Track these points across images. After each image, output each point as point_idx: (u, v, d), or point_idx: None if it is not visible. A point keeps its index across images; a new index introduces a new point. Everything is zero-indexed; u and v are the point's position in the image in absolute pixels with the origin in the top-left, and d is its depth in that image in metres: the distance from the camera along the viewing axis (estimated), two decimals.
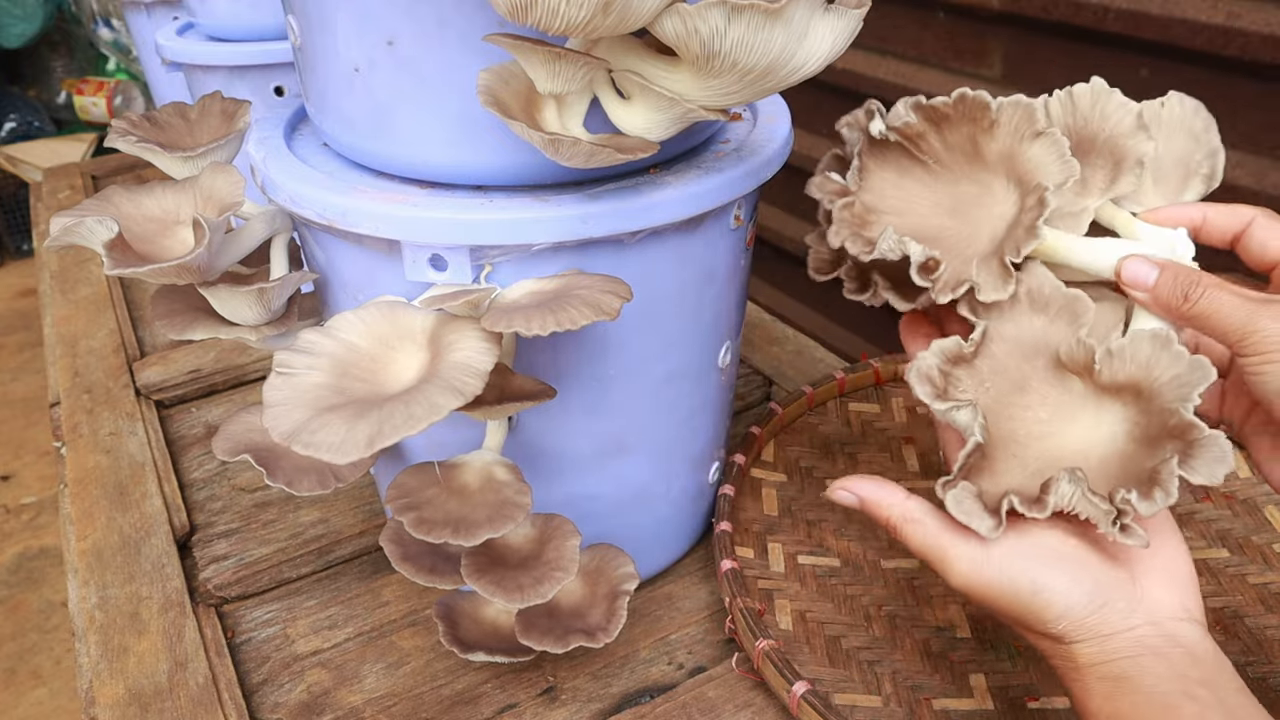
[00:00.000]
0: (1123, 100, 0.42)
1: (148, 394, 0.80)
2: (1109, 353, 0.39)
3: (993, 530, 0.37)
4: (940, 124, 0.44)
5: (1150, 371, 0.38)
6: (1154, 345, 0.38)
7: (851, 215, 0.45)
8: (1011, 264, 0.40)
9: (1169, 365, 0.37)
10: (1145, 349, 0.38)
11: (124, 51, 2.74)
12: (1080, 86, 0.43)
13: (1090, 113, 0.43)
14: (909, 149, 0.46)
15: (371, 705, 0.52)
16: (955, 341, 0.41)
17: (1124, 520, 0.36)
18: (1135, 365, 0.38)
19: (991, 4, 0.88)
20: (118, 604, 0.58)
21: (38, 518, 1.85)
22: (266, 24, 0.80)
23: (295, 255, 0.51)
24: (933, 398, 0.40)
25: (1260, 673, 0.49)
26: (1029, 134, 0.42)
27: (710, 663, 0.54)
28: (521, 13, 0.34)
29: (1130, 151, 0.42)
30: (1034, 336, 0.41)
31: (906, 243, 0.42)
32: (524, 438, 0.49)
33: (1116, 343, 0.39)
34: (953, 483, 0.39)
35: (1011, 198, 0.43)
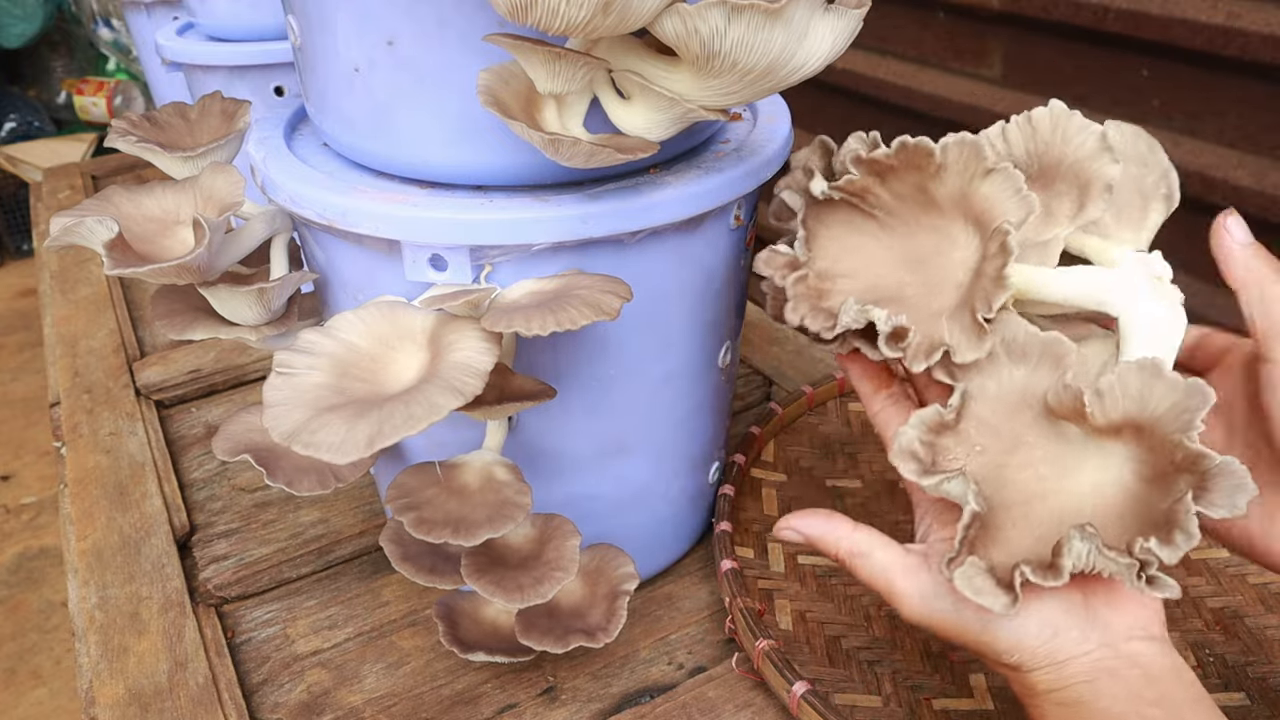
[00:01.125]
0: (1084, 122, 0.40)
1: (148, 394, 0.80)
2: (1098, 394, 0.36)
3: (1008, 607, 0.35)
4: (885, 175, 0.42)
5: (1145, 405, 0.36)
6: (1144, 376, 0.36)
7: (806, 289, 0.43)
8: (984, 320, 0.38)
9: (1165, 395, 0.35)
10: (1135, 382, 0.36)
11: (124, 51, 2.74)
12: (1039, 110, 0.41)
13: (1051, 137, 0.40)
14: (856, 204, 0.43)
15: (371, 705, 0.52)
16: (935, 410, 0.39)
17: (1149, 572, 0.34)
18: (1128, 401, 0.36)
19: (991, 4, 0.88)
20: (118, 604, 0.58)
21: (38, 518, 1.85)
22: (266, 24, 0.80)
23: (295, 255, 0.51)
24: (919, 474, 0.37)
25: (1260, 673, 0.49)
26: (979, 173, 0.39)
27: (710, 663, 0.54)
28: (521, 13, 0.34)
29: (1097, 175, 0.40)
30: (1018, 389, 0.39)
31: (870, 311, 0.39)
32: (524, 438, 0.49)
33: (1104, 381, 0.36)
34: (958, 560, 0.36)
35: (973, 242, 0.40)
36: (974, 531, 0.37)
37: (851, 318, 0.40)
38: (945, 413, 0.39)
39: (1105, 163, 0.40)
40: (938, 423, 0.39)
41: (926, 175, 0.40)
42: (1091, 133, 0.40)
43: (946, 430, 0.39)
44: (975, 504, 0.36)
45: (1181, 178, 0.43)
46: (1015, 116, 0.41)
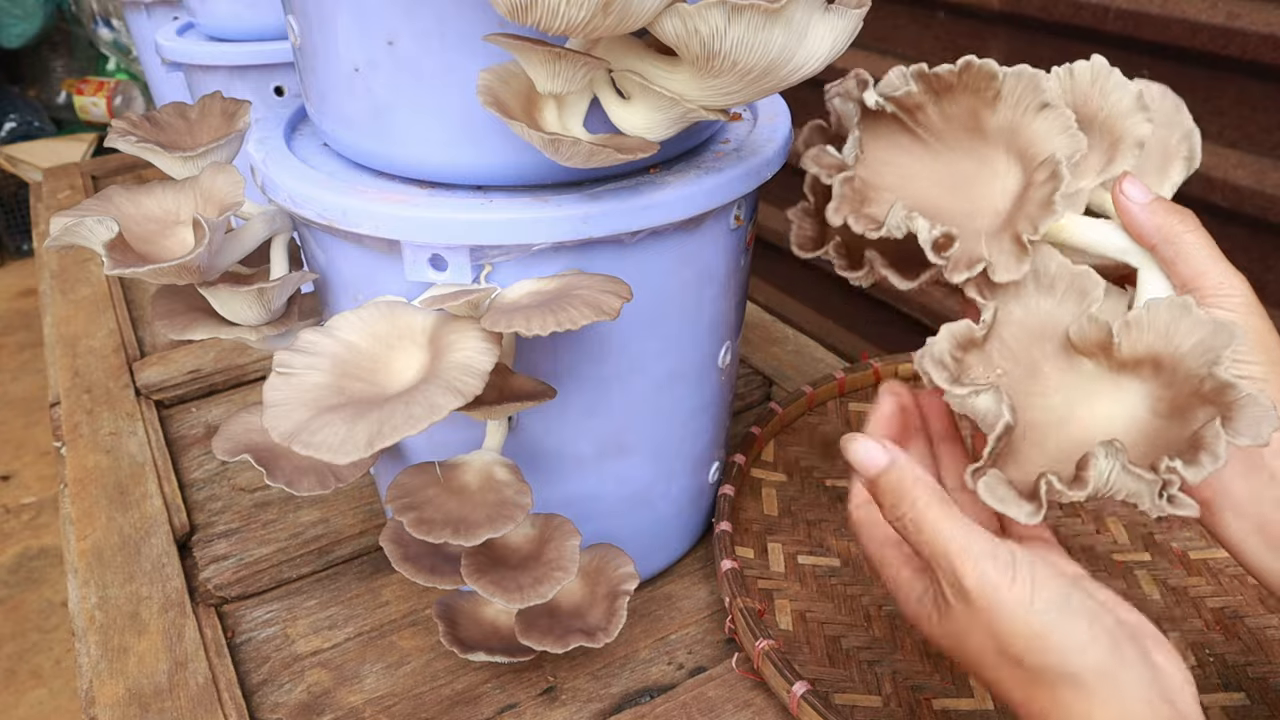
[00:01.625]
0: (1122, 80, 0.41)
1: (148, 394, 0.80)
2: (1126, 324, 0.37)
3: (1033, 515, 0.35)
4: (942, 94, 0.42)
5: (1171, 340, 0.36)
6: (1173, 311, 0.36)
7: (852, 191, 0.43)
8: (1028, 241, 0.38)
9: (1191, 331, 0.36)
10: (1164, 316, 0.36)
11: (124, 51, 2.74)
12: (1081, 64, 0.42)
13: (1090, 90, 0.41)
14: (904, 122, 0.44)
15: (371, 705, 0.52)
16: (966, 325, 0.39)
17: (1170, 491, 0.34)
18: (1154, 334, 0.36)
19: (991, 4, 0.88)
20: (118, 604, 0.58)
21: (38, 518, 1.85)
22: (266, 24, 0.80)
23: (295, 255, 0.51)
24: (949, 382, 0.38)
25: (1260, 673, 0.49)
26: (1033, 106, 0.40)
27: (710, 663, 0.54)
28: (521, 13, 0.34)
29: (1129, 131, 0.41)
30: (1042, 318, 0.40)
31: (915, 219, 0.40)
32: (524, 438, 0.49)
33: (1135, 313, 0.37)
34: (982, 470, 0.36)
35: (1014, 173, 0.41)
36: (1002, 445, 0.37)
37: (897, 222, 0.40)
38: (976, 329, 0.39)
39: (1139, 121, 0.40)
40: (968, 338, 0.39)
41: (982, 100, 0.41)
42: (1128, 91, 0.41)
43: (974, 347, 0.39)
44: (1009, 415, 0.36)
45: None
46: (1056, 68, 0.42)
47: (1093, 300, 0.39)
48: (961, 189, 0.43)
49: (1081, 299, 0.39)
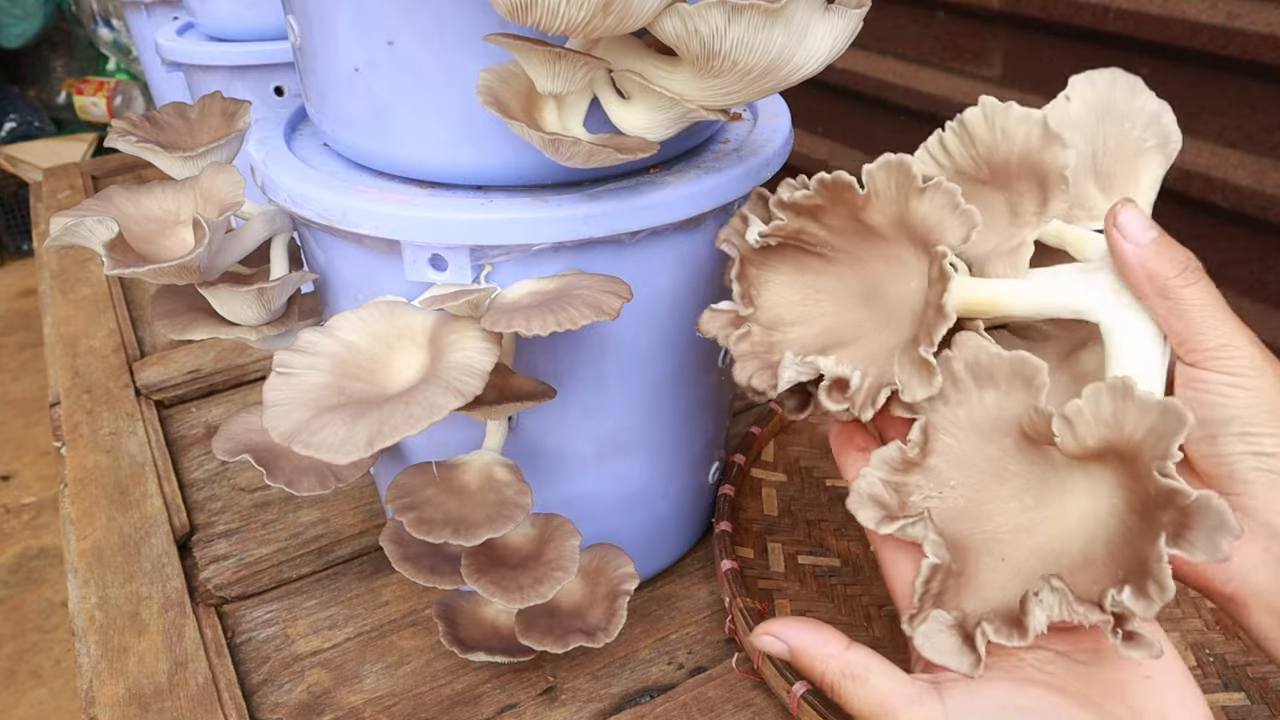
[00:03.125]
0: (1022, 113, 0.36)
1: (148, 394, 0.80)
2: (1066, 420, 0.32)
3: (973, 668, 0.31)
4: (815, 214, 0.39)
5: (1122, 430, 0.31)
6: (1115, 398, 0.31)
7: (751, 346, 0.39)
8: (929, 355, 0.34)
9: (1138, 419, 0.30)
10: (1106, 405, 0.31)
11: (124, 51, 2.74)
12: (970, 111, 0.37)
13: (991, 137, 0.36)
14: (796, 245, 0.40)
15: (371, 705, 0.52)
16: (896, 448, 0.35)
17: (1125, 627, 0.29)
18: (1102, 426, 0.31)
19: (991, 4, 0.88)
20: (118, 604, 0.58)
21: (38, 518, 1.85)
22: (266, 24, 0.80)
23: (295, 255, 0.51)
24: (879, 522, 0.34)
25: (1260, 673, 0.49)
26: (912, 193, 0.35)
27: (710, 663, 0.54)
28: (521, 13, 0.34)
29: (1049, 165, 0.36)
30: (990, 415, 0.35)
31: (811, 361, 0.36)
32: (524, 438, 0.49)
33: (1070, 407, 0.32)
34: (920, 614, 0.32)
35: (924, 268, 0.37)
36: (937, 585, 0.33)
37: (794, 373, 0.37)
38: (908, 449, 0.35)
39: (1055, 151, 0.35)
40: (901, 460, 0.35)
41: (856, 207, 0.37)
42: (1033, 122, 0.36)
43: (914, 468, 0.35)
44: (934, 555, 0.33)
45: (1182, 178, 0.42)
46: (949, 123, 0.37)
47: (1038, 388, 0.33)
48: (876, 297, 0.38)
49: (1027, 387, 0.34)
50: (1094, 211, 0.38)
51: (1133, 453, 0.31)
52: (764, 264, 0.41)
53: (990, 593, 0.33)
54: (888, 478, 0.35)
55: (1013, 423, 0.34)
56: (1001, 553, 0.34)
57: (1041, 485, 0.34)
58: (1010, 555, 0.33)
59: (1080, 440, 0.32)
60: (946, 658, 0.31)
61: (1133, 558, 0.30)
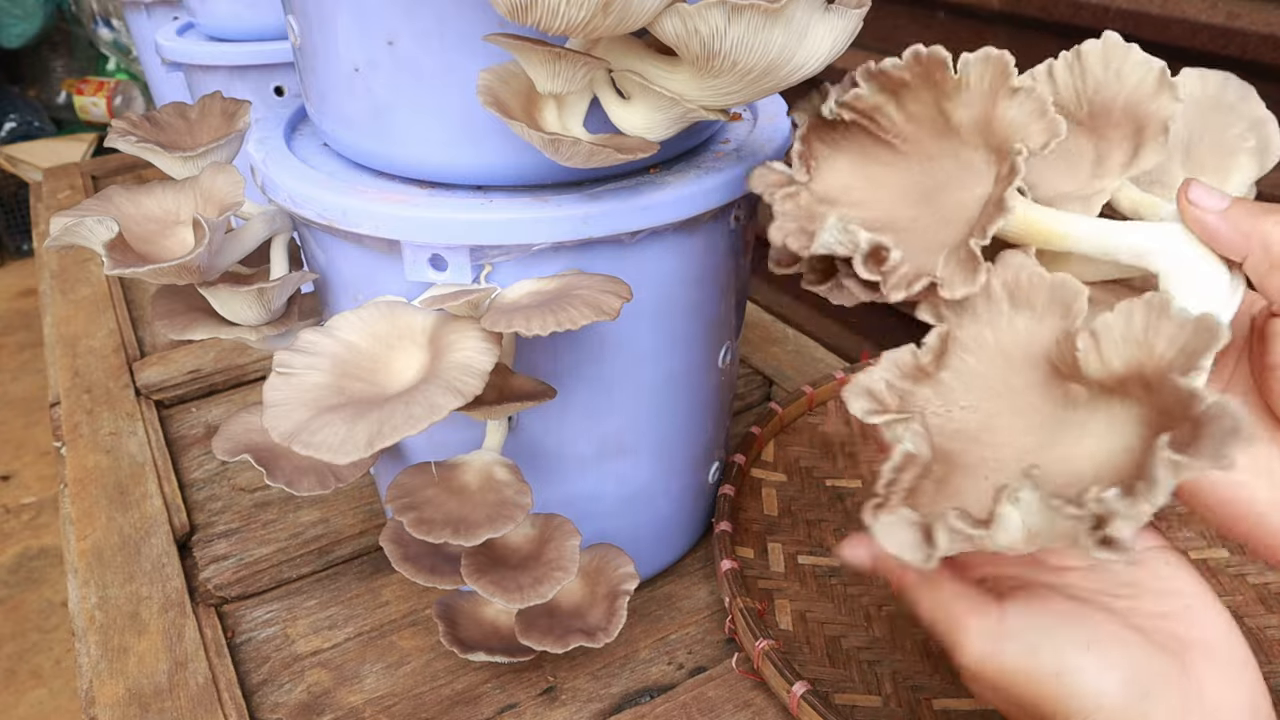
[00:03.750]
0: (1143, 57, 0.35)
1: (148, 394, 0.80)
2: (1092, 334, 0.30)
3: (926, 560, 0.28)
4: (898, 92, 0.37)
5: (1153, 350, 0.29)
6: (1148, 312, 0.29)
7: (796, 207, 0.37)
8: (978, 249, 0.32)
9: (1174, 334, 0.28)
10: (1139, 319, 0.29)
11: (124, 51, 2.74)
12: (1090, 43, 0.35)
13: (1104, 75, 0.35)
14: (868, 128, 0.38)
15: (371, 705, 0.52)
16: (910, 350, 0.33)
17: (1106, 530, 0.26)
18: (1130, 345, 0.29)
19: (991, 4, 0.88)
20: (118, 604, 0.58)
21: (38, 518, 1.85)
22: (266, 24, 0.80)
23: (295, 255, 0.51)
24: (868, 412, 0.32)
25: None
26: (1004, 92, 0.34)
27: (710, 663, 0.54)
28: (521, 13, 0.34)
29: (1153, 115, 0.34)
30: (1021, 342, 0.33)
31: (853, 231, 0.34)
32: (524, 438, 0.49)
33: (1100, 321, 0.30)
34: (885, 505, 0.29)
35: (993, 173, 0.35)
36: (909, 479, 0.30)
37: (833, 237, 0.35)
38: (922, 354, 0.33)
39: (1164, 101, 0.34)
40: (912, 365, 0.33)
41: (944, 93, 0.36)
42: (1151, 68, 0.35)
43: (924, 378, 0.33)
44: (911, 444, 0.31)
45: None
46: (1064, 52, 0.36)
47: (1075, 314, 0.31)
48: (937, 197, 0.37)
49: (1065, 314, 0.32)
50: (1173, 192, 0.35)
51: (1160, 375, 0.28)
52: (830, 140, 0.39)
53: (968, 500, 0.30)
54: (894, 381, 0.33)
55: (1042, 354, 0.32)
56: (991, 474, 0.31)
57: (1057, 425, 0.31)
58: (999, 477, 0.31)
59: (1106, 362, 0.30)
60: (903, 549, 0.29)
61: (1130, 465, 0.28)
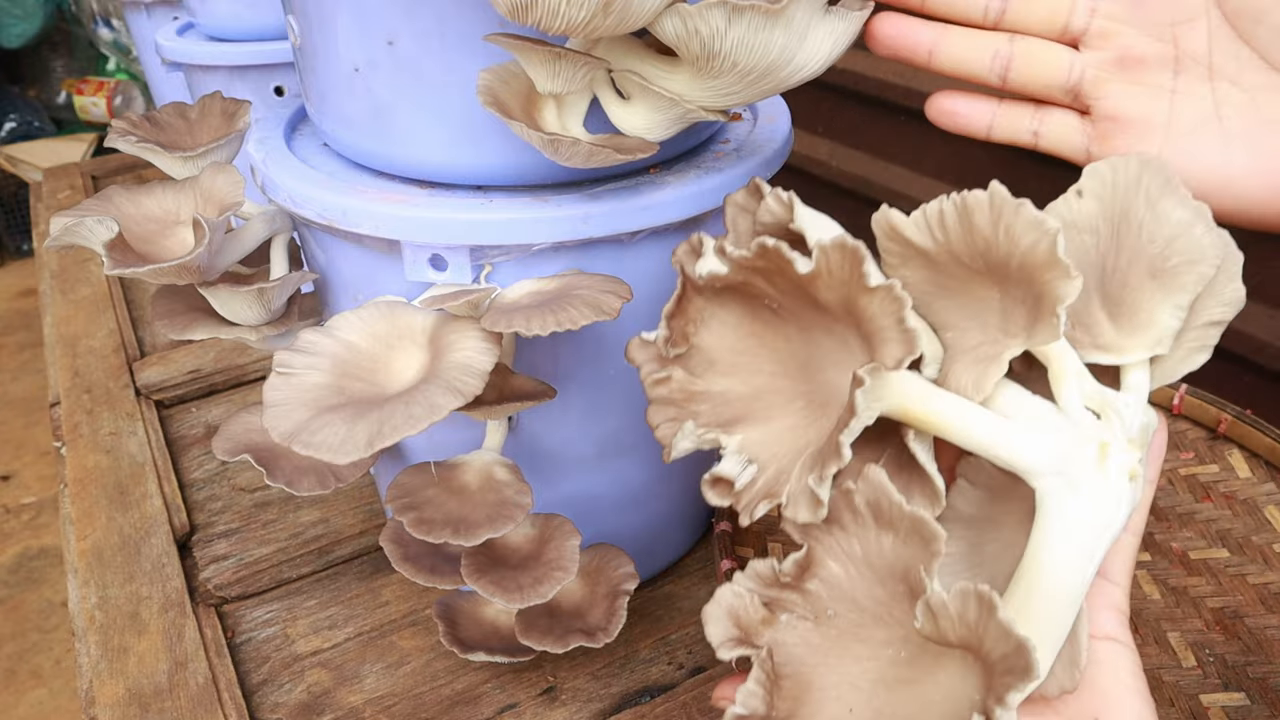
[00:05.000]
0: (1033, 218, 0.28)
1: (148, 394, 0.80)
2: (929, 610, 0.29)
3: None
4: (761, 274, 0.34)
5: (981, 644, 0.28)
6: (979, 611, 0.27)
7: (669, 393, 0.36)
8: (815, 491, 0.30)
9: (996, 642, 0.27)
10: (971, 613, 0.28)
11: (124, 51, 2.74)
12: (975, 196, 0.29)
13: (992, 233, 0.29)
14: (747, 290, 0.35)
15: (371, 705, 0.52)
16: (769, 564, 0.32)
17: None
18: (965, 629, 0.28)
19: None
20: (118, 604, 0.58)
21: (38, 518, 1.85)
22: (266, 24, 0.80)
23: (295, 255, 0.51)
24: (723, 644, 0.31)
25: (1260, 673, 0.49)
26: (860, 289, 0.31)
27: (710, 663, 0.54)
28: (522, 13, 0.34)
29: (1046, 291, 0.29)
30: (887, 559, 0.31)
31: (714, 438, 0.33)
32: (524, 438, 0.49)
33: (936, 599, 0.28)
34: None
35: (865, 358, 0.33)
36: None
37: (690, 443, 0.34)
38: (782, 569, 0.32)
39: (1055, 278, 0.28)
40: (771, 578, 0.32)
41: (803, 280, 0.32)
42: (1044, 234, 0.28)
43: (789, 590, 0.32)
44: (743, 706, 0.30)
45: None
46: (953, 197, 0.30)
47: (932, 554, 0.29)
48: (814, 372, 0.34)
49: (925, 547, 0.30)
50: (1098, 339, 0.32)
51: (988, 668, 0.28)
52: (715, 298, 0.36)
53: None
54: (761, 591, 0.32)
55: (906, 573, 0.31)
56: (851, 703, 0.31)
57: (921, 645, 0.30)
58: (859, 710, 0.30)
59: (942, 634, 0.29)
60: None
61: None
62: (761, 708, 0.30)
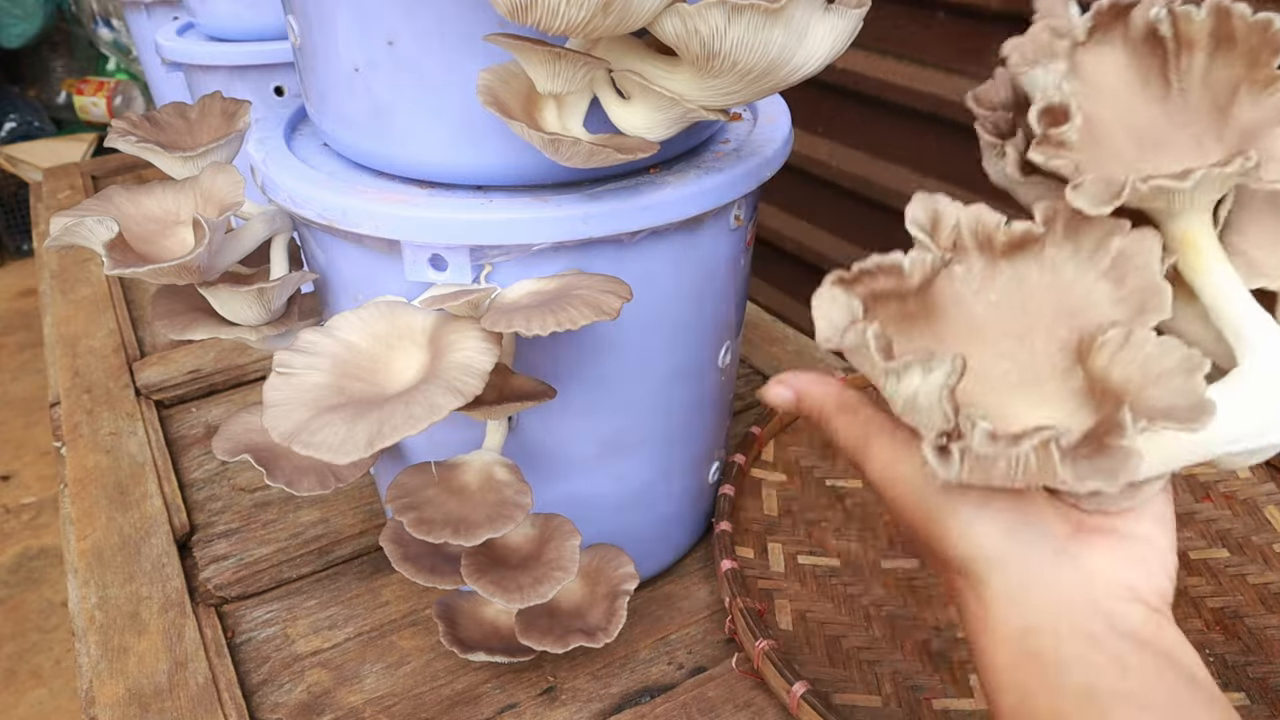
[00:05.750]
0: None
1: (148, 394, 0.80)
2: (1118, 343, 0.28)
3: (837, 339, 0.28)
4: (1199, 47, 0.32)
5: (1145, 380, 0.28)
6: (1164, 352, 0.27)
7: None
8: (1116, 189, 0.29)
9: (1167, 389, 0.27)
10: (1152, 356, 0.28)
11: (124, 51, 2.74)
12: None
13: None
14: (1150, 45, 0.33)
15: (371, 705, 0.52)
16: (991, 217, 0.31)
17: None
18: (1133, 366, 0.28)
19: (991, 4, 0.88)
20: (118, 604, 0.58)
21: (38, 518, 1.85)
22: (266, 24, 0.80)
23: (295, 255, 0.51)
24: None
25: (1260, 673, 0.49)
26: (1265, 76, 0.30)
27: (710, 663, 0.54)
28: (522, 13, 0.34)
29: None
30: (1062, 288, 0.31)
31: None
32: (524, 438, 0.49)
33: (1132, 338, 0.28)
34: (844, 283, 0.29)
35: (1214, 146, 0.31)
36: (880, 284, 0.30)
37: (1042, 76, 0.32)
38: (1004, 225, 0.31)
39: None
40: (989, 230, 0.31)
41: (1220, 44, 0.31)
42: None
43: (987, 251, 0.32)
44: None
45: None
46: None
47: (1154, 308, 0.29)
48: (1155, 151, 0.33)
49: (1141, 309, 0.30)
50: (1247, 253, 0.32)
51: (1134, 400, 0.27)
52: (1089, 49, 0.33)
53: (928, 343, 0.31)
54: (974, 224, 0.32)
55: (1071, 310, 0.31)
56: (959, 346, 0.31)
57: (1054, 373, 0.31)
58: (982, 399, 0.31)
59: (1110, 368, 0.29)
60: (828, 322, 0.29)
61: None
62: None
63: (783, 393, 0.36)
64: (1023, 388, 0.31)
